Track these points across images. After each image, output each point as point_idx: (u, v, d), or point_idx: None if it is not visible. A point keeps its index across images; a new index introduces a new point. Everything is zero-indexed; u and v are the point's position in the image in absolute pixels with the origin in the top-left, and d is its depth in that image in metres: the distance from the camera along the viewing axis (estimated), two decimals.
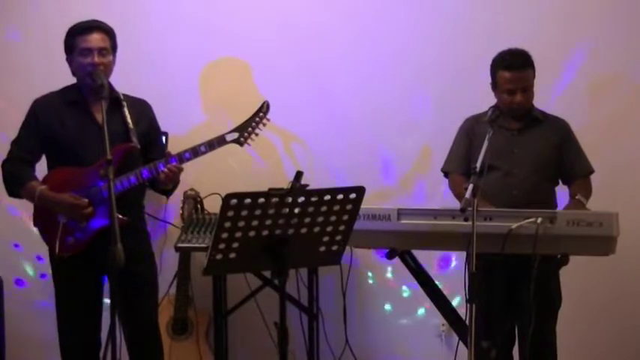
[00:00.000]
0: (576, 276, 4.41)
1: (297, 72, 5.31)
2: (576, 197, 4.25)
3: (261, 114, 4.06)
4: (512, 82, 4.20)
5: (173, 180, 3.97)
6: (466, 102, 4.70)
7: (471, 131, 4.39)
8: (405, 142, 5.28)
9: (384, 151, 5.31)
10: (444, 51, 5.21)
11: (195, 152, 3.92)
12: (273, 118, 4.14)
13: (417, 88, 5.25)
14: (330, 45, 5.30)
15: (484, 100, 4.34)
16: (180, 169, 3.93)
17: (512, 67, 4.21)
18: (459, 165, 4.39)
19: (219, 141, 3.97)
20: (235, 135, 4.00)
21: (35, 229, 4.06)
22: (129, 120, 3.97)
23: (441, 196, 4.98)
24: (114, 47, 4.01)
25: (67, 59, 4.01)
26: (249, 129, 4.03)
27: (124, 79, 4.14)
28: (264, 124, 4.08)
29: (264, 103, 4.09)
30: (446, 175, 4.51)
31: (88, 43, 3.92)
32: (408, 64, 5.25)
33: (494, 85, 4.28)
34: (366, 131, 5.30)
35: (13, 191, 4.01)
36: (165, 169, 3.88)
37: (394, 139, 5.30)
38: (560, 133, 4.35)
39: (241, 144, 4.03)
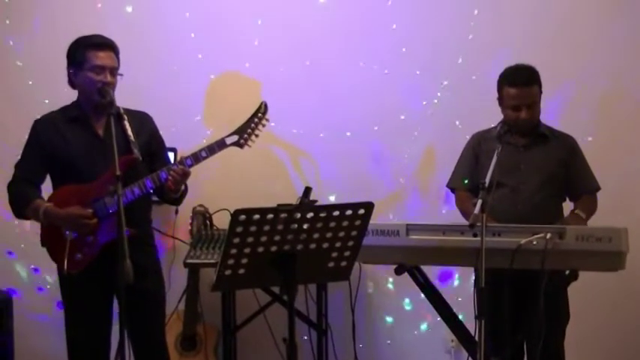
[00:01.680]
0: (585, 291, 4.39)
1: (305, 86, 5.32)
2: (575, 212, 4.25)
3: (259, 114, 4.03)
4: (517, 98, 4.20)
5: (180, 184, 3.94)
6: (475, 115, 4.72)
7: (477, 147, 4.39)
8: (414, 157, 5.29)
9: (392, 165, 5.31)
10: (449, 59, 5.23)
11: (196, 158, 3.91)
12: (282, 133, 4.14)
13: (429, 99, 5.26)
14: (338, 60, 5.31)
15: (489, 106, 4.37)
16: (186, 173, 3.90)
17: (518, 84, 4.21)
18: (465, 182, 4.39)
19: (220, 145, 3.95)
20: (235, 138, 3.98)
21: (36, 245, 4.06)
22: (130, 132, 3.96)
23: (448, 208, 4.98)
24: (119, 66, 4.03)
25: (71, 70, 3.99)
26: (249, 130, 4.00)
27: (130, 94, 4.14)
28: (264, 125, 4.04)
29: (261, 103, 4.06)
30: (452, 190, 4.51)
31: (101, 61, 3.91)
32: (416, 75, 5.27)
33: (501, 101, 4.28)
34: (374, 146, 5.31)
35: (20, 212, 4.02)
36: (170, 175, 3.87)
37: (402, 153, 5.30)
38: (566, 149, 4.34)
39: (241, 146, 4.00)
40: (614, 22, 5.15)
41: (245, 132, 3.99)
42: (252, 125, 4.01)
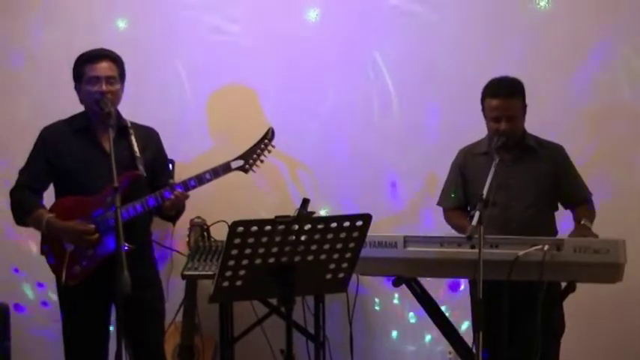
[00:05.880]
0: (582, 302, 4.39)
1: (304, 99, 5.33)
2: (582, 222, 4.23)
3: (266, 141, 4.06)
4: (498, 109, 4.18)
5: (177, 206, 3.97)
6: (472, 126, 4.72)
7: (463, 166, 4.40)
8: (412, 168, 5.29)
9: (391, 178, 5.31)
10: (451, 77, 5.22)
11: (200, 180, 3.93)
12: (280, 145, 4.15)
13: (424, 113, 5.26)
14: (336, 72, 5.32)
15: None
16: (186, 196, 3.93)
17: (499, 95, 4.19)
18: (453, 200, 4.42)
19: (224, 168, 3.97)
20: (240, 162, 4.01)
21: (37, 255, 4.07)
22: (135, 148, 3.98)
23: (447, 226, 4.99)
24: (122, 75, 4.03)
25: (75, 87, 4.03)
26: (254, 156, 4.03)
27: (131, 107, 4.16)
28: (270, 151, 4.07)
29: (269, 129, 4.09)
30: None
31: (96, 72, 3.94)
32: (415, 89, 5.26)
33: (484, 113, 4.28)
34: (373, 158, 5.31)
35: (21, 220, 4.03)
36: (173, 195, 3.89)
37: (401, 165, 5.30)
38: (554, 161, 4.32)
39: (246, 171, 4.03)
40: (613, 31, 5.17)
41: (251, 157, 4.02)
42: (258, 151, 4.04)
